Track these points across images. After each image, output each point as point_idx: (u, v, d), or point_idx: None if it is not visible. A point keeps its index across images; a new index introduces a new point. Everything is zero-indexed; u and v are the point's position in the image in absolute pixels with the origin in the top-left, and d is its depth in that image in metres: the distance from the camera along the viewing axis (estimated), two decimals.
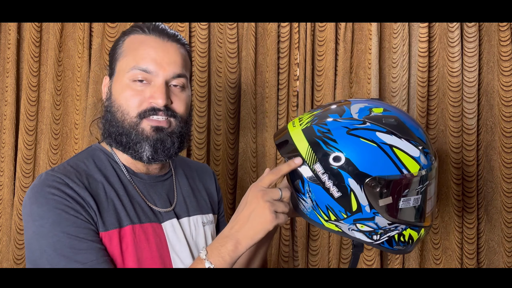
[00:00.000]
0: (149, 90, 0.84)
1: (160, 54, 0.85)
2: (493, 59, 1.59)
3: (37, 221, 0.76)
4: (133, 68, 0.84)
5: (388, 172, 0.77)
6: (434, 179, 0.84)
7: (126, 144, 0.85)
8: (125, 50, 0.87)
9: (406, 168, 0.78)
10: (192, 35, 1.59)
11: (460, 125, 1.57)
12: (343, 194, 0.78)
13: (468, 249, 1.57)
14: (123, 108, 0.84)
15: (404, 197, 0.79)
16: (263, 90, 1.61)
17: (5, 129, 1.57)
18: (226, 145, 1.61)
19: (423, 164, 0.80)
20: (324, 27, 1.60)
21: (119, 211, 0.83)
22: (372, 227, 0.80)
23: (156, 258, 0.84)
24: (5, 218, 1.57)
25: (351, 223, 0.81)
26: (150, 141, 0.84)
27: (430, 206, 0.85)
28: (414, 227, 0.82)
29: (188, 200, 0.97)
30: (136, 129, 0.84)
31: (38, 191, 0.78)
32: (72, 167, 0.84)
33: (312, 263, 1.61)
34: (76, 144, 1.59)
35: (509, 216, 1.57)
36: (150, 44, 0.86)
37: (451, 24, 1.56)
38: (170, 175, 0.97)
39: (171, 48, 0.87)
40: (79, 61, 1.59)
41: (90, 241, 0.77)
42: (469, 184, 1.57)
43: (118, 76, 0.87)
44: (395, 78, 1.60)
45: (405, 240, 0.83)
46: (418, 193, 0.81)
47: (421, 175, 0.79)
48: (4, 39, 1.60)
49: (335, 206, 0.80)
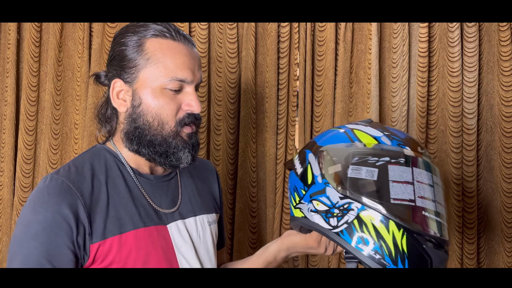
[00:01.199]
0: (182, 97, 0.85)
1: (192, 62, 0.86)
2: (493, 59, 1.59)
3: (24, 227, 0.77)
4: (172, 78, 0.83)
5: (340, 141, 0.81)
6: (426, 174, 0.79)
7: (164, 153, 0.85)
8: (153, 56, 0.84)
9: (358, 140, 0.80)
10: (192, 35, 1.59)
11: (460, 125, 1.57)
12: (304, 169, 0.83)
13: (468, 249, 1.57)
14: (161, 117, 0.84)
15: (354, 165, 0.78)
16: (263, 90, 1.61)
17: (5, 129, 1.57)
18: (226, 145, 1.61)
19: (383, 142, 0.79)
20: (324, 27, 1.60)
21: (121, 216, 0.82)
22: (326, 204, 0.79)
23: (162, 261, 0.84)
24: (5, 218, 1.57)
25: (308, 201, 0.82)
26: (189, 147, 0.86)
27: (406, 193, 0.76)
28: (373, 210, 0.75)
29: (194, 200, 0.97)
30: (176, 138, 0.85)
31: (38, 196, 0.79)
32: (77, 168, 0.83)
33: (312, 263, 1.61)
34: (76, 144, 1.59)
35: (509, 216, 1.57)
36: (182, 51, 0.85)
37: (451, 24, 1.56)
38: (174, 174, 0.96)
39: (196, 54, 0.89)
40: (79, 61, 1.59)
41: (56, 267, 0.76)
42: (469, 184, 1.57)
43: (146, 83, 0.84)
44: (395, 78, 1.60)
45: (370, 235, 0.75)
46: (374, 166, 0.77)
47: (379, 148, 0.78)
48: (4, 39, 1.60)
49: (298, 183, 0.84)
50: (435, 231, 0.76)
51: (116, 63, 0.87)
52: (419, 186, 0.77)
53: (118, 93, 0.87)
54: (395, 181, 0.76)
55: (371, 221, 0.75)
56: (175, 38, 0.85)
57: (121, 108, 0.87)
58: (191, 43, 0.89)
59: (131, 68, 0.85)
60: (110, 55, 0.90)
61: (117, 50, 0.87)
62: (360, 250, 0.76)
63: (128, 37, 0.86)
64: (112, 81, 0.87)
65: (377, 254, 0.74)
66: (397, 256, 0.74)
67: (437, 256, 0.74)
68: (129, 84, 0.86)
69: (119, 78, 0.86)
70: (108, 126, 0.91)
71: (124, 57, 0.85)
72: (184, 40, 0.87)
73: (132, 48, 0.85)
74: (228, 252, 1.60)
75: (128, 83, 0.86)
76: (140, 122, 0.85)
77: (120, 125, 0.89)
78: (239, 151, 1.61)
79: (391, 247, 0.74)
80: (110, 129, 0.91)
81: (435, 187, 0.80)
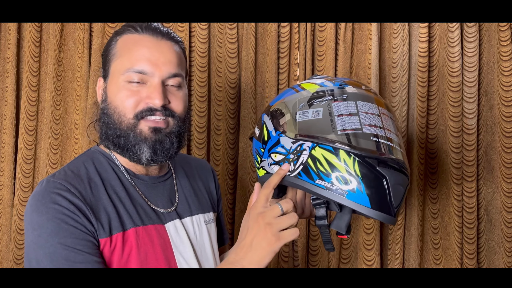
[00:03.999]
0: (145, 90, 0.83)
1: (155, 54, 0.84)
2: (493, 59, 1.59)
3: (36, 230, 0.75)
4: (128, 70, 0.83)
5: (287, 95, 0.86)
6: (371, 106, 0.81)
7: (124, 146, 0.84)
8: (118, 51, 0.86)
9: (302, 88, 0.85)
10: (192, 35, 1.59)
11: (460, 125, 1.57)
12: (260, 130, 0.88)
13: (468, 249, 1.57)
14: (119, 109, 0.83)
15: (300, 110, 0.82)
16: (263, 90, 1.61)
17: (5, 129, 1.57)
18: (226, 145, 1.61)
19: (325, 85, 0.83)
20: (324, 27, 1.60)
21: (121, 214, 0.82)
22: (281, 153, 0.82)
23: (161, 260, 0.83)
24: (5, 218, 1.57)
25: (267, 156, 0.85)
26: (148, 142, 0.83)
27: (352, 123, 0.78)
28: (323, 145, 0.77)
29: (190, 200, 0.97)
30: (134, 131, 0.83)
31: (39, 199, 0.77)
32: (73, 171, 0.83)
33: (312, 263, 1.61)
34: (76, 144, 1.59)
35: (509, 216, 1.57)
36: (144, 44, 0.84)
37: (451, 24, 1.56)
38: (170, 175, 0.96)
39: (166, 46, 0.86)
40: (79, 61, 1.59)
41: (87, 253, 0.75)
42: (469, 184, 1.57)
43: (112, 77, 0.85)
44: (395, 78, 1.60)
45: (325, 169, 0.77)
46: (319, 106, 0.80)
47: (321, 91, 0.82)
48: (4, 39, 1.60)
49: (258, 145, 0.88)
50: (386, 153, 0.78)
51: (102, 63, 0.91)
52: (365, 116, 0.79)
53: (98, 90, 0.91)
54: (340, 114, 0.79)
55: (323, 155, 0.78)
56: (140, 32, 0.85)
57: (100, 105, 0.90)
58: (166, 36, 0.87)
59: (105, 65, 0.88)
60: None
61: (104, 50, 0.91)
62: (320, 186, 0.78)
63: (113, 37, 0.89)
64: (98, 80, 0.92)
65: (334, 185, 0.77)
66: (352, 182, 0.76)
67: (392, 175, 0.76)
68: (105, 81, 0.89)
69: (101, 77, 0.90)
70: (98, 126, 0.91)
71: (105, 56, 0.89)
72: (152, 33, 0.85)
73: (110, 47, 0.88)
74: None
75: (105, 80, 0.89)
76: (105, 117, 0.86)
77: None
78: (239, 151, 1.61)
79: (345, 175, 0.76)
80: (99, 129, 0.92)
81: (382, 116, 0.81)
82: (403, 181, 0.78)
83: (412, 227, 1.60)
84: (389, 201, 0.76)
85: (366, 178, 0.76)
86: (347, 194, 0.76)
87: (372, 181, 0.76)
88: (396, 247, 1.59)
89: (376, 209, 0.76)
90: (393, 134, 0.81)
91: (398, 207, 0.78)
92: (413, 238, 1.59)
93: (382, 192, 0.76)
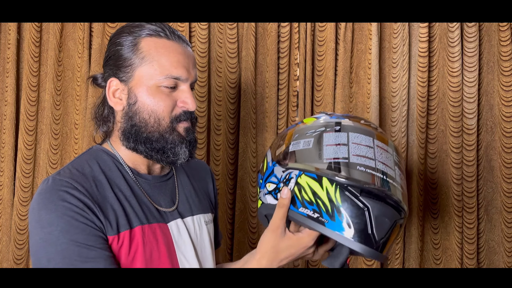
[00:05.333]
0: (178, 95, 0.87)
1: (187, 61, 0.87)
2: (493, 59, 1.59)
3: (45, 228, 0.75)
4: (167, 76, 0.84)
5: (288, 129, 0.89)
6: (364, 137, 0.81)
7: (161, 149, 0.86)
8: (147, 55, 0.85)
9: (302, 122, 0.87)
10: (192, 35, 1.59)
11: (460, 125, 1.57)
12: (262, 163, 0.90)
13: (468, 249, 1.57)
14: (157, 113, 0.85)
15: (294, 140, 0.84)
16: (263, 90, 1.61)
17: (5, 129, 1.57)
18: (226, 145, 1.61)
19: (321, 119, 0.85)
20: (324, 27, 1.60)
21: (128, 212, 0.83)
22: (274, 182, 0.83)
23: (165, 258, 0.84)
24: (5, 218, 1.57)
25: (263, 187, 0.87)
26: (186, 143, 0.87)
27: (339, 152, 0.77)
28: (308, 173, 0.77)
29: (191, 199, 0.97)
30: (173, 134, 0.86)
31: (47, 196, 0.77)
32: (77, 170, 0.83)
33: (312, 263, 1.61)
34: (76, 144, 1.59)
35: (509, 216, 1.57)
36: (177, 50, 0.86)
37: (451, 24, 1.56)
38: (171, 174, 0.97)
39: (189, 53, 0.90)
40: (79, 61, 1.59)
41: (99, 249, 0.76)
42: (469, 184, 1.57)
43: (141, 81, 0.85)
44: (395, 78, 1.60)
45: (310, 199, 0.77)
46: (310, 137, 0.82)
47: (317, 123, 0.84)
48: (4, 39, 1.60)
49: (259, 177, 0.90)
50: (377, 184, 0.76)
51: (112, 63, 0.88)
52: (355, 146, 0.78)
53: (114, 92, 0.88)
54: (329, 144, 0.79)
55: (307, 183, 0.78)
56: (169, 37, 0.87)
57: (117, 107, 0.88)
58: (186, 42, 0.90)
59: (127, 67, 0.86)
60: (106, 55, 0.91)
61: (112, 50, 0.88)
62: (302, 214, 0.78)
63: (124, 37, 0.87)
64: (108, 80, 0.88)
65: (315, 213, 0.76)
66: (333, 210, 0.75)
67: (376, 206, 0.74)
68: (124, 83, 0.87)
69: (115, 77, 0.88)
70: (105, 126, 0.91)
71: (120, 56, 0.87)
72: (178, 39, 0.88)
73: (127, 48, 0.86)
74: (228, 252, 1.60)
75: (123, 82, 0.87)
76: (137, 119, 0.86)
77: (117, 124, 0.90)
78: (239, 151, 1.61)
79: (326, 203, 0.75)
80: (107, 129, 0.92)
81: (376, 149, 0.80)
82: (391, 215, 0.76)
83: (412, 227, 1.60)
84: (371, 233, 0.74)
85: (346, 206, 0.74)
86: (327, 223, 0.75)
87: (352, 210, 0.74)
88: (396, 247, 1.59)
89: (358, 241, 0.73)
90: (388, 168, 0.78)
91: (384, 241, 0.75)
92: (413, 238, 1.59)
93: (363, 223, 0.74)
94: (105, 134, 0.93)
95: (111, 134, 0.92)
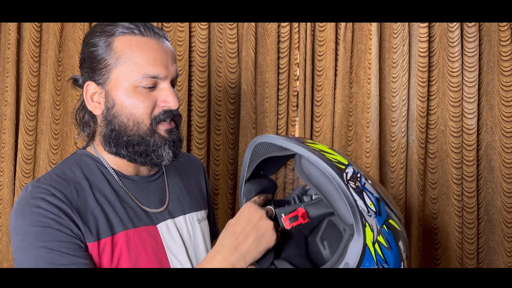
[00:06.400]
0: (158, 94, 0.83)
1: (164, 57, 0.83)
2: (493, 59, 1.59)
3: (20, 235, 0.75)
4: (143, 75, 0.80)
5: None
6: None
7: (143, 152, 0.83)
8: (122, 54, 0.81)
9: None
10: (192, 35, 1.59)
11: (460, 125, 1.57)
12: None
13: (468, 249, 1.57)
14: (136, 116, 0.81)
15: None
16: (263, 90, 1.61)
17: (5, 129, 1.57)
18: (226, 145, 1.61)
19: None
20: (324, 27, 1.60)
21: (110, 218, 0.81)
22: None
23: (153, 262, 0.83)
24: (5, 218, 1.57)
25: None
26: (169, 143, 0.84)
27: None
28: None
29: (182, 198, 0.95)
30: (154, 136, 0.83)
31: (24, 204, 0.76)
32: (58, 176, 0.81)
33: None
34: (76, 144, 1.59)
35: (509, 216, 1.57)
36: (153, 47, 0.82)
37: (451, 24, 1.56)
38: (161, 173, 0.95)
39: (167, 47, 0.85)
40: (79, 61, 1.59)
41: (73, 256, 0.74)
42: (469, 184, 1.57)
43: (118, 82, 0.81)
44: (395, 78, 1.60)
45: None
46: None
47: None
48: (4, 39, 1.60)
49: None
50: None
51: (87, 65, 0.85)
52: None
53: (92, 95, 0.85)
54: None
55: None
56: (144, 33, 0.82)
57: (96, 111, 0.85)
58: (163, 37, 0.85)
59: (102, 69, 0.82)
60: (81, 57, 0.87)
61: (86, 51, 0.85)
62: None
63: (97, 37, 0.83)
64: (85, 84, 0.85)
65: None
66: None
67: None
68: (101, 86, 0.83)
69: (91, 80, 0.84)
70: (87, 130, 0.89)
71: (94, 58, 0.83)
72: (154, 35, 0.84)
73: (101, 48, 0.82)
74: None
75: (100, 85, 0.83)
76: (116, 123, 0.83)
77: (98, 128, 0.87)
78: (239, 151, 1.61)
79: None
80: (89, 133, 0.89)
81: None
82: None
83: (412, 227, 1.60)
84: None
85: None
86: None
87: None
88: None
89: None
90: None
91: None
92: (413, 238, 1.59)
93: None
94: (87, 137, 0.90)
95: (94, 138, 0.89)
